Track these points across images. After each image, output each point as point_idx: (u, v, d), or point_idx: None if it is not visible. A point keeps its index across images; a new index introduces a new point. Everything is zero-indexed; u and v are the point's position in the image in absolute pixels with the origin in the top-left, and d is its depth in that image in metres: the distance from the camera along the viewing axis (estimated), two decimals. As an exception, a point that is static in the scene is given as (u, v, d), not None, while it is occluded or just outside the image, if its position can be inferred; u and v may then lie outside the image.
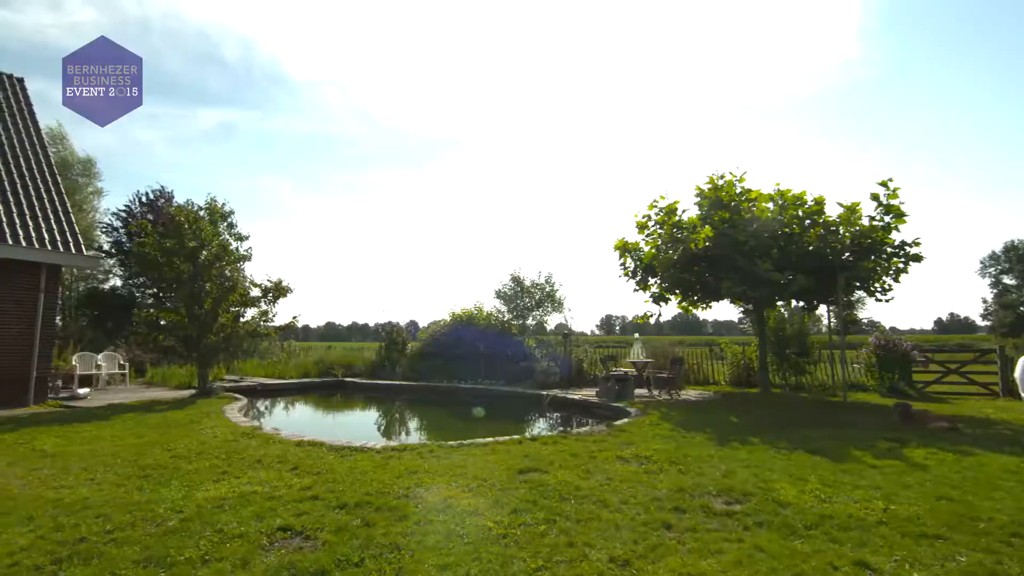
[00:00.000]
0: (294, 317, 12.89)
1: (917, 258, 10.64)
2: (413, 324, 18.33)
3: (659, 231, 12.03)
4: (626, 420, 7.94)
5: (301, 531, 3.50)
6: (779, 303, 12.24)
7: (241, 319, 12.30)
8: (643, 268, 12.33)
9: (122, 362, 13.04)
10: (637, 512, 3.83)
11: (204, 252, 11.37)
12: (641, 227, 12.36)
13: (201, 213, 11.88)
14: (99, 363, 12.25)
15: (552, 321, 18.74)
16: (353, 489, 4.36)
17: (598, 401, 10.45)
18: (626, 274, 12.68)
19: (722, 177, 11.66)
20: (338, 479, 4.67)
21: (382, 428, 9.66)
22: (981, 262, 76.12)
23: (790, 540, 3.32)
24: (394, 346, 16.08)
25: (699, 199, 11.79)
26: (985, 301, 76.84)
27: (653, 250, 11.85)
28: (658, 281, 12.16)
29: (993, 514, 3.74)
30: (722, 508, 3.94)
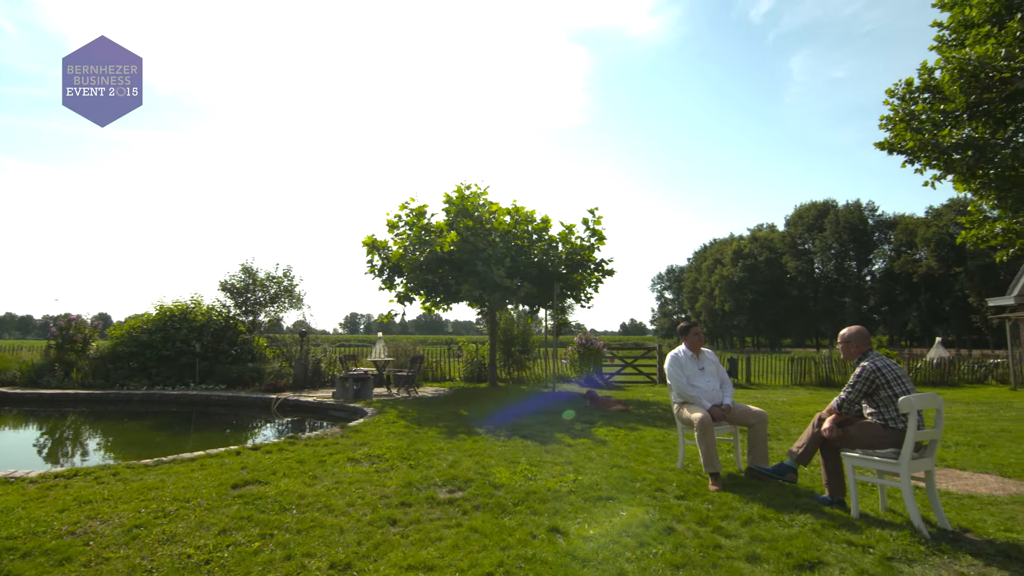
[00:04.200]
0: None
1: (611, 272, 13.12)
2: (103, 318, 14.86)
3: (408, 232, 12.22)
4: (362, 420, 7.82)
5: None
6: (509, 306, 13.68)
7: None
8: (390, 267, 12.36)
9: None
10: (364, 513, 3.79)
11: None
12: (392, 226, 12.39)
13: None
14: None
15: (290, 318, 17.31)
16: (-17, 535, 3.28)
17: (335, 402, 10.06)
18: (372, 271, 12.53)
19: (468, 188, 12.48)
20: (-42, 525, 3.45)
21: (45, 451, 7.53)
22: (652, 280, 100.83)
23: (500, 518, 3.71)
24: (71, 345, 12.74)
25: (447, 205, 12.39)
26: (653, 310, 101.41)
27: (401, 250, 11.98)
28: (404, 281, 12.34)
29: (646, 475, 4.81)
30: (445, 497, 4.18)
